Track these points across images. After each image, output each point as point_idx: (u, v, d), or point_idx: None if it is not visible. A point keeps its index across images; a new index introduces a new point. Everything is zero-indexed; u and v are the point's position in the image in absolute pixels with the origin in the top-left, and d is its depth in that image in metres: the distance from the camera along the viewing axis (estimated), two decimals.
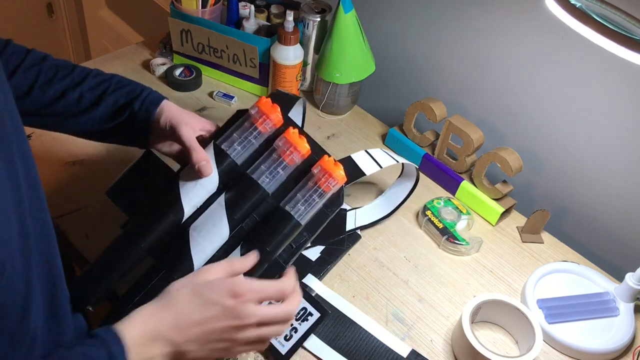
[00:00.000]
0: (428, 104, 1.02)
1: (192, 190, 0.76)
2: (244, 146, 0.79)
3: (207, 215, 0.76)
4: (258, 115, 0.80)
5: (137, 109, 0.78)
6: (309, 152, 0.80)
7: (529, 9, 0.92)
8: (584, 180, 0.99)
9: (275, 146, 0.80)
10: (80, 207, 0.92)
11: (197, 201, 0.77)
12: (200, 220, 0.76)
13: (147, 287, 0.71)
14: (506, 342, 0.84)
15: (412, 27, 1.13)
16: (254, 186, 0.77)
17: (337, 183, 0.78)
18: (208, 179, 0.77)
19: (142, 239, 0.73)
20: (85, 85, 0.79)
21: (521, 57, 0.98)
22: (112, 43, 2.12)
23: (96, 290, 0.71)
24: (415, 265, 0.92)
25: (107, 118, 0.79)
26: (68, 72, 0.79)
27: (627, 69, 0.85)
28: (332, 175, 0.78)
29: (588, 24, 0.65)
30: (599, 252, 1.01)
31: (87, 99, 0.78)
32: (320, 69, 1.10)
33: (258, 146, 0.80)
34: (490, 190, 0.99)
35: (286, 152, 0.79)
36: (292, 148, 0.79)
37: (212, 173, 0.77)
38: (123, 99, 0.79)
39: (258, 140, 0.80)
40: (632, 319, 0.85)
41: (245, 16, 1.15)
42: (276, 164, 0.79)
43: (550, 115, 0.99)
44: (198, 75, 1.18)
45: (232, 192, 0.77)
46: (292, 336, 0.77)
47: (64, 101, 0.78)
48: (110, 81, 0.80)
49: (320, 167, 0.78)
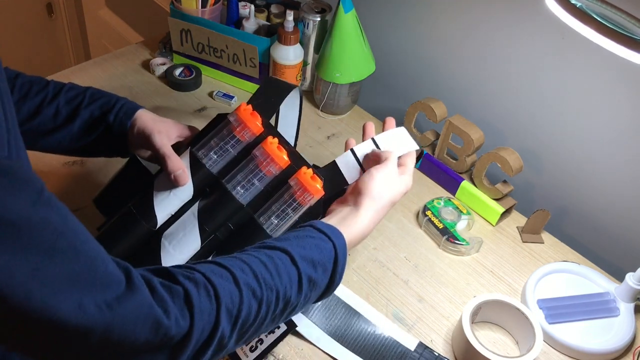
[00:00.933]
0: (428, 104, 1.02)
1: (165, 199, 0.76)
2: (221, 155, 0.78)
3: (179, 224, 0.75)
4: (237, 123, 0.78)
5: (112, 121, 0.78)
6: (288, 163, 0.77)
7: (529, 8, 0.92)
8: (584, 180, 0.99)
9: (252, 155, 0.77)
10: (79, 207, 0.92)
11: (170, 209, 0.76)
12: (172, 229, 0.75)
13: None
14: (506, 342, 0.84)
15: (412, 27, 1.13)
16: (227, 197, 0.76)
17: (313, 197, 0.75)
18: (182, 188, 0.76)
19: (113, 245, 0.73)
20: (61, 99, 0.78)
21: (521, 56, 0.98)
22: (112, 43, 2.12)
23: None
24: (415, 265, 0.92)
25: (83, 132, 0.79)
26: (42, 87, 0.78)
27: (627, 68, 0.85)
28: (307, 189, 0.75)
29: (588, 24, 0.65)
30: (599, 252, 1.01)
31: (62, 114, 0.78)
32: (320, 69, 1.10)
33: (236, 154, 0.78)
34: (490, 190, 0.99)
35: (263, 163, 0.77)
36: (270, 159, 0.76)
37: (188, 187, 0.76)
38: (98, 111, 0.78)
39: (236, 149, 0.78)
40: (632, 319, 0.85)
41: (245, 16, 1.15)
42: (252, 175, 0.77)
43: (551, 115, 0.99)
44: (198, 75, 1.18)
45: (205, 201, 0.76)
46: (257, 347, 0.77)
47: (39, 117, 0.77)
48: (84, 94, 0.79)
49: (297, 179, 0.75)
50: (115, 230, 0.74)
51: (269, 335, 0.78)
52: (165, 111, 1.12)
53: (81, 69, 1.19)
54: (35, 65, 2.20)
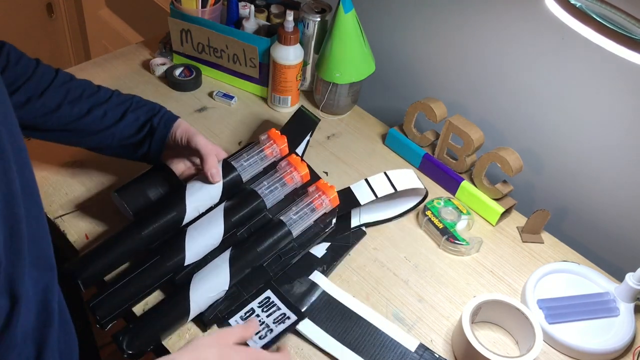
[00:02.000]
0: (428, 104, 1.02)
1: (197, 192, 0.83)
2: (250, 164, 0.88)
3: (205, 217, 0.83)
4: (267, 141, 0.91)
5: (156, 124, 0.86)
6: (308, 175, 0.90)
7: (529, 9, 0.92)
8: (584, 180, 0.99)
9: (277, 167, 0.90)
10: (80, 207, 0.92)
11: (199, 204, 0.83)
12: (198, 222, 0.83)
13: (137, 270, 0.78)
14: (506, 342, 0.84)
15: (412, 27, 1.13)
16: (252, 195, 0.85)
17: (330, 202, 0.87)
18: (213, 186, 0.84)
19: (143, 229, 0.79)
20: (110, 104, 0.86)
21: (521, 56, 0.98)
22: (112, 43, 2.12)
23: (89, 267, 0.77)
24: (415, 265, 0.92)
25: (127, 134, 0.86)
26: (94, 92, 0.86)
27: (627, 68, 0.85)
28: (325, 193, 0.87)
29: (588, 24, 0.65)
30: (599, 252, 1.01)
31: (110, 116, 0.85)
32: (320, 69, 1.10)
33: (262, 169, 0.90)
34: (490, 190, 0.99)
35: (287, 171, 0.89)
36: (293, 168, 0.89)
37: (220, 180, 0.84)
38: (144, 116, 0.87)
39: (263, 162, 0.90)
40: (632, 319, 0.85)
41: (245, 16, 1.15)
42: (276, 181, 0.88)
43: (551, 115, 0.99)
44: (198, 75, 1.18)
45: (232, 200, 0.85)
46: (266, 335, 0.78)
47: (89, 118, 0.84)
48: (131, 100, 0.88)
49: (316, 186, 0.88)
50: (147, 218, 0.81)
51: (279, 325, 0.79)
52: None
53: (81, 69, 1.19)
54: None
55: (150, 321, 0.76)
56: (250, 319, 0.79)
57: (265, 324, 0.79)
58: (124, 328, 0.75)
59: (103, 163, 0.99)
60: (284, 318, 0.80)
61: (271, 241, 0.82)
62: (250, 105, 1.17)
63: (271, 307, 0.81)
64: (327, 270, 0.88)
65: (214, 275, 0.79)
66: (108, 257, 0.78)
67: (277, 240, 0.83)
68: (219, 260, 0.80)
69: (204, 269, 0.80)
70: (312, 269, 0.87)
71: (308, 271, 0.86)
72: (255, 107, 1.17)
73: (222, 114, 1.14)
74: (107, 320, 0.75)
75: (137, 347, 0.73)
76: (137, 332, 0.74)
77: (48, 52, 2.26)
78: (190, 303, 0.76)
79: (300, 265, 0.86)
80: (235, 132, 1.10)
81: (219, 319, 0.79)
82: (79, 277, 0.76)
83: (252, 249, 0.81)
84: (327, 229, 0.88)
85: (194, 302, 0.76)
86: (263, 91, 1.18)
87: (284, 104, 1.15)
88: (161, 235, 0.81)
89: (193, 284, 0.77)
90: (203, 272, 0.79)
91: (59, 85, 0.84)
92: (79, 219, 0.90)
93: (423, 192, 0.97)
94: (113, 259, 0.79)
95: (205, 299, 0.77)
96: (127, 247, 0.79)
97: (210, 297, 0.78)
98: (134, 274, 0.77)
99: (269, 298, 0.82)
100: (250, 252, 0.81)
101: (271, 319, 0.80)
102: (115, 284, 0.77)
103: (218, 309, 0.79)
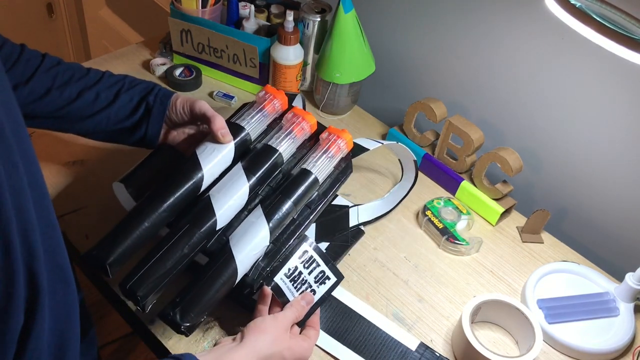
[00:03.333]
0: (428, 104, 1.02)
1: (209, 156, 0.78)
2: (255, 122, 0.84)
3: (226, 179, 0.79)
4: (265, 96, 0.87)
5: (152, 102, 0.82)
6: (316, 125, 0.87)
7: (529, 9, 0.92)
8: (584, 180, 0.99)
9: (284, 121, 0.86)
10: (80, 207, 0.92)
11: (214, 169, 0.78)
12: (219, 185, 0.78)
13: (170, 241, 0.72)
14: (506, 342, 0.84)
15: (412, 27, 1.13)
16: (268, 150, 0.82)
17: (346, 144, 0.85)
18: (225, 147, 0.80)
19: (165, 200, 0.74)
20: (101, 86, 0.82)
21: (521, 56, 0.98)
22: (112, 43, 2.12)
23: (114, 249, 0.69)
24: (415, 265, 0.92)
25: (123, 116, 0.82)
26: (84, 74, 0.82)
27: (627, 68, 0.85)
28: (340, 136, 0.84)
29: (588, 24, 0.65)
30: (599, 252, 1.01)
31: (102, 98, 0.81)
32: (320, 69, 1.10)
33: (267, 126, 0.86)
34: (490, 190, 0.99)
35: (295, 122, 0.85)
36: (301, 119, 0.85)
37: (230, 144, 0.80)
38: (137, 96, 0.83)
39: (267, 119, 0.86)
40: (632, 319, 0.85)
41: (245, 16, 1.15)
42: (287, 134, 0.84)
43: (551, 115, 0.99)
44: (198, 75, 1.18)
45: (248, 158, 0.81)
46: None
47: (80, 101, 0.80)
48: (124, 81, 0.84)
49: (328, 132, 0.85)
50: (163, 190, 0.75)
51: (320, 286, 0.79)
52: None
53: None
54: None
55: (199, 290, 0.71)
56: (305, 294, 0.78)
57: (308, 284, 0.78)
58: (171, 303, 0.70)
59: (103, 162, 0.99)
60: (324, 277, 0.79)
61: (301, 191, 0.79)
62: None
63: (311, 263, 0.79)
64: None
65: (252, 232, 0.75)
66: (132, 235, 0.71)
67: (306, 189, 0.80)
68: (253, 217, 0.77)
69: (238, 229, 0.76)
70: None
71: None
72: None
73: (222, 114, 1.13)
74: (149, 299, 0.70)
75: (192, 318, 0.69)
76: (189, 304, 0.70)
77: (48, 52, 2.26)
78: (237, 264, 0.73)
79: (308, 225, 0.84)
80: None
81: (264, 278, 0.77)
82: (106, 261, 0.68)
83: (284, 201, 0.78)
84: (346, 175, 0.86)
85: (240, 263, 0.73)
86: None
87: None
88: (182, 206, 0.76)
89: (233, 245, 0.74)
90: (239, 232, 0.76)
91: (46, 70, 0.80)
92: (79, 219, 0.90)
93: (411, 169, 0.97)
94: (137, 238, 0.71)
95: (250, 257, 0.74)
96: (150, 223, 0.72)
97: (255, 254, 0.75)
98: (167, 247, 0.71)
99: (307, 252, 0.80)
100: (284, 204, 0.78)
101: (312, 276, 0.79)
102: (147, 261, 0.70)
103: (261, 268, 0.77)
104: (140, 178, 0.81)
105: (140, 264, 0.70)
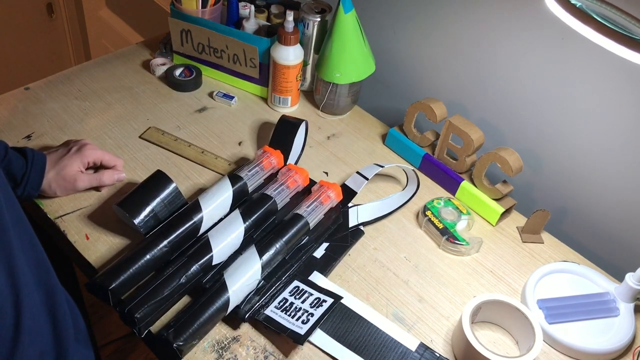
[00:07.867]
0: (428, 104, 1.02)
1: (209, 202, 0.88)
2: (253, 174, 0.94)
3: (224, 222, 0.87)
4: (263, 155, 0.98)
5: (20, 195, 0.85)
6: (308, 179, 0.97)
7: (529, 9, 0.92)
8: (584, 180, 0.99)
9: (279, 175, 0.96)
10: (80, 207, 0.92)
11: (213, 213, 0.87)
12: (218, 227, 0.87)
13: (169, 271, 0.80)
14: (506, 342, 0.84)
15: (412, 27, 1.13)
16: (264, 198, 0.91)
17: (335, 196, 0.95)
18: (225, 195, 0.89)
19: (168, 237, 0.82)
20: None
21: (521, 56, 0.98)
22: (112, 43, 2.12)
23: (118, 276, 0.78)
24: (415, 265, 0.92)
25: None
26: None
27: (627, 68, 0.85)
28: (329, 188, 0.94)
29: (588, 24, 0.65)
30: (599, 252, 1.01)
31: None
32: (320, 69, 1.10)
33: (264, 179, 0.96)
34: (490, 190, 0.99)
35: (289, 176, 0.95)
36: (294, 172, 0.96)
37: (228, 192, 0.90)
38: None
39: (264, 173, 0.96)
40: (632, 319, 0.85)
41: (245, 16, 1.15)
42: (280, 185, 0.94)
43: (551, 115, 0.99)
44: (198, 75, 1.18)
45: (245, 205, 0.90)
46: (308, 320, 0.79)
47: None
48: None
49: (319, 184, 0.95)
50: (166, 228, 0.84)
51: (317, 309, 0.81)
52: (165, 111, 1.12)
53: (81, 69, 1.19)
54: (35, 65, 2.20)
55: (192, 315, 0.76)
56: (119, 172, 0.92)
57: (303, 310, 0.81)
58: (166, 325, 0.76)
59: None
60: (320, 302, 0.82)
61: (292, 232, 0.87)
62: (251, 105, 1.17)
63: (303, 294, 0.83)
64: (326, 270, 0.88)
65: (246, 267, 0.81)
66: (136, 266, 0.79)
67: (297, 231, 0.88)
68: (247, 254, 0.83)
69: (233, 265, 0.82)
70: (312, 270, 0.87)
71: (307, 272, 0.87)
72: (256, 107, 1.17)
73: (222, 114, 1.14)
74: (145, 323, 0.76)
75: (185, 339, 0.74)
76: (182, 326, 0.75)
77: (48, 52, 2.26)
78: (230, 294, 0.78)
79: (299, 266, 0.87)
80: (235, 132, 1.10)
81: (255, 312, 0.80)
82: (109, 286, 0.76)
83: (276, 241, 0.85)
84: (336, 223, 0.93)
85: (233, 293, 0.78)
86: (263, 91, 1.18)
87: (284, 104, 1.15)
88: (183, 244, 0.84)
89: (227, 277, 0.80)
90: (234, 267, 0.82)
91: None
92: (79, 219, 0.90)
93: (414, 178, 1.01)
94: (141, 268, 0.80)
95: (242, 287, 0.80)
96: (153, 257, 0.81)
97: (247, 285, 0.80)
98: (165, 276, 0.79)
99: (298, 287, 0.84)
100: (275, 243, 0.85)
101: (307, 304, 0.81)
102: (147, 288, 0.78)
103: (252, 302, 0.81)
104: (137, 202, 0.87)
105: (140, 289, 0.78)
